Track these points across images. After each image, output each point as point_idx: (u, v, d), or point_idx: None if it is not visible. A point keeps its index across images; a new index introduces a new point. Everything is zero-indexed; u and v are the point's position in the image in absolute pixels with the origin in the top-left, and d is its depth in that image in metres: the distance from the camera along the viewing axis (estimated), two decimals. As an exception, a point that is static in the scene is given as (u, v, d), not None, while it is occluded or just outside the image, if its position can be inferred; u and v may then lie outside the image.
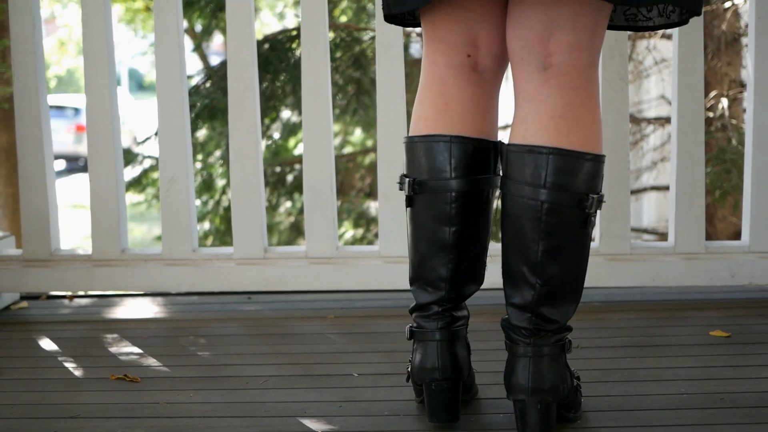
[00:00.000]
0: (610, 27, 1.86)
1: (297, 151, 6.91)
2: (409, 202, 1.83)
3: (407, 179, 1.82)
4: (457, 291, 1.84)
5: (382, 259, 2.79)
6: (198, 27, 7.87)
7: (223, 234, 6.19)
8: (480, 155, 1.81)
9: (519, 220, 1.73)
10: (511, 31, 1.77)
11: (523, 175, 1.72)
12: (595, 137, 1.74)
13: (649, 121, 6.11)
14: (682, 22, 1.84)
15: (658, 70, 6.13)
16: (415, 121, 1.84)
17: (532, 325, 1.75)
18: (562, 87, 1.72)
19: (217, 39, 8.49)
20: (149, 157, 6.03)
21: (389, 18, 1.89)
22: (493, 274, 2.75)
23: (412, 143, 1.83)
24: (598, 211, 1.77)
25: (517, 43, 1.76)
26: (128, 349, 2.47)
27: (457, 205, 1.79)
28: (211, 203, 6.31)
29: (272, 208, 6.24)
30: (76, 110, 17.29)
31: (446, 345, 1.83)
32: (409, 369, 1.91)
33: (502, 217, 1.78)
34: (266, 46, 5.44)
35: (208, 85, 5.59)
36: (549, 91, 1.72)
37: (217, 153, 6.19)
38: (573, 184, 1.71)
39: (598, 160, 1.73)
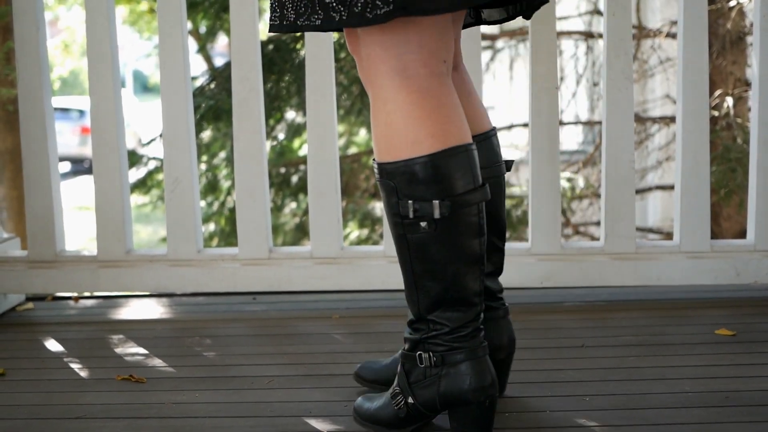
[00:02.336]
0: None
1: (302, 152, 6.92)
2: (435, 225, 1.68)
3: (436, 202, 1.67)
4: (483, 301, 1.79)
5: (386, 259, 2.79)
6: (202, 28, 7.88)
7: (228, 235, 6.20)
8: None
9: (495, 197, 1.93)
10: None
11: (496, 156, 1.96)
12: None
13: (654, 120, 6.11)
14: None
15: (662, 69, 6.14)
16: (432, 135, 1.67)
17: None
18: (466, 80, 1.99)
19: (222, 40, 8.49)
20: (154, 158, 6.05)
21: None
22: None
23: (439, 160, 1.68)
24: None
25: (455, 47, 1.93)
26: (134, 350, 2.48)
27: (483, 214, 1.73)
28: (216, 204, 6.32)
29: (277, 209, 6.25)
30: (81, 112, 17.33)
31: (489, 358, 1.77)
32: (412, 401, 1.80)
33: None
34: (270, 46, 5.45)
35: (212, 86, 5.60)
36: (470, 86, 1.97)
37: (222, 154, 6.20)
38: None
39: None
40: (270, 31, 1.77)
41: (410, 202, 1.68)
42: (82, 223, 11.70)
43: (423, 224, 1.69)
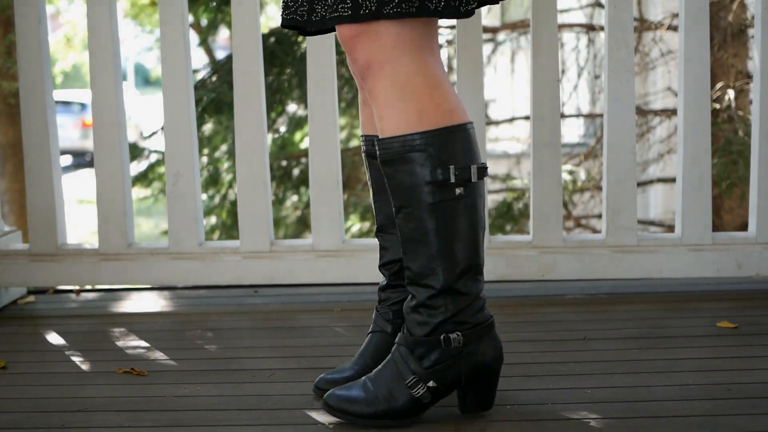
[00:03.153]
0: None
1: (303, 145, 6.90)
2: (469, 190, 1.76)
3: (473, 166, 1.76)
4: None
5: (388, 252, 2.78)
6: (203, 21, 7.86)
7: (229, 228, 6.19)
8: None
9: None
10: None
11: None
12: None
13: (655, 113, 6.10)
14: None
15: (664, 61, 6.12)
16: (453, 109, 1.78)
17: None
18: None
19: (223, 33, 8.47)
20: (155, 151, 6.04)
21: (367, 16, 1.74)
22: (499, 266, 2.76)
23: (470, 130, 1.80)
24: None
25: None
26: (135, 343, 2.48)
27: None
28: (217, 197, 6.31)
29: (279, 202, 6.24)
30: (83, 106, 17.28)
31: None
32: (434, 384, 1.81)
33: None
34: (272, 39, 5.44)
35: (214, 79, 5.59)
36: None
37: (224, 147, 6.19)
38: None
39: None
40: (319, 22, 1.79)
41: (451, 166, 1.74)
42: (83, 217, 11.69)
43: (458, 190, 1.76)
